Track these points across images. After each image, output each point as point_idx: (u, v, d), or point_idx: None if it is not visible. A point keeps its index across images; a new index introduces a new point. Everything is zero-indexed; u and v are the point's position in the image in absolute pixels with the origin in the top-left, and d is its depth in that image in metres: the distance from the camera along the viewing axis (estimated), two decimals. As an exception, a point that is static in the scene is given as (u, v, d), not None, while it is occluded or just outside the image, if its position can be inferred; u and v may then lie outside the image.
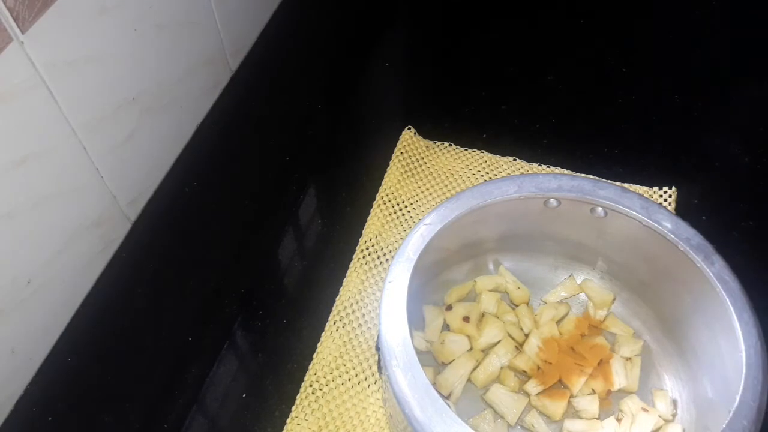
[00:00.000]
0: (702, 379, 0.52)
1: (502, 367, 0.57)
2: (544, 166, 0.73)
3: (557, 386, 0.56)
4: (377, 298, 0.63)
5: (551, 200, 0.55)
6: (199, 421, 0.58)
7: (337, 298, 0.64)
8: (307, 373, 0.59)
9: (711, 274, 0.49)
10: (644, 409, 0.54)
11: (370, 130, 0.80)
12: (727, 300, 0.47)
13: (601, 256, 0.60)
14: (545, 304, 0.61)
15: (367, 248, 0.67)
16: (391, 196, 0.71)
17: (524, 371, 0.56)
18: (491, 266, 0.63)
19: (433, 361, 0.58)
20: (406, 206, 0.71)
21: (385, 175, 0.73)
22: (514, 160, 0.74)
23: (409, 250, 0.51)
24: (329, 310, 0.63)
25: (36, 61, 0.52)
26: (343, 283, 0.65)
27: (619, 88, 0.82)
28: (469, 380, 0.57)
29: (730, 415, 0.43)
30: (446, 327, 0.59)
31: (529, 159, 0.73)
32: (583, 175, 0.69)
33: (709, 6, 0.91)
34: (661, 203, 0.66)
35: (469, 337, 0.58)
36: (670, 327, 0.56)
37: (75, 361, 0.61)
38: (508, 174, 0.73)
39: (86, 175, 0.61)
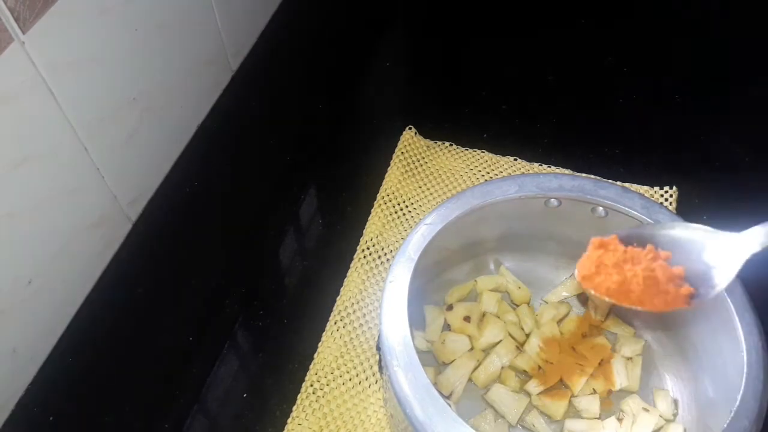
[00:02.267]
0: (703, 379, 0.52)
1: (503, 367, 0.57)
2: (544, 166, 0.73)
3: (558, 386, 0.56)
4: (378, 298, 0.63)
5: (552, 200, 0.55)
6: (200, 421, 0.58)
7: (338, 298, 0.64)
8: (307, 373, 0.59)
9: (712, 274, 0.49)
10: (645, 409, 0.54)
11: (371, 130, 0.80)
12: (729, 300, 0.47)
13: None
14: (546, 303, 0.61)
15: (368, 248, 0.67)
16: (391, 196, 0.71)
17: (525, 371, 0.56)
18: (492, 266, 0.63)
19: (433, 360, 0.58)
20: (406, 206, 0.71)
21: (386, 175, 0.73)
22: (515, 159, 0.74)
23: (409, 250, 0.51)
24: (330, 310, 0.63)
25: (37, 61, 0.52)
26: (344, 283, 0.65)
27: (619, 88, 0.82)
28: (469, 380, 0.57)
29: (732, 415, 0.43)
30: (447, 327, 0.59)
31: (530, 159, 0.73)
32: (583, 174, 0.69)
33: (709, 6, 0.91)
34: (661, 203, 0.66)
35: (469, 336, 0.58)
36: (671, 327, 0.56)
37: (76, 361, 0.61)
38: (509, 174, 0.73)
39: (87, 175, 0.61)
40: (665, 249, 0.37)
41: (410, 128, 0.77)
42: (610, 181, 0.60)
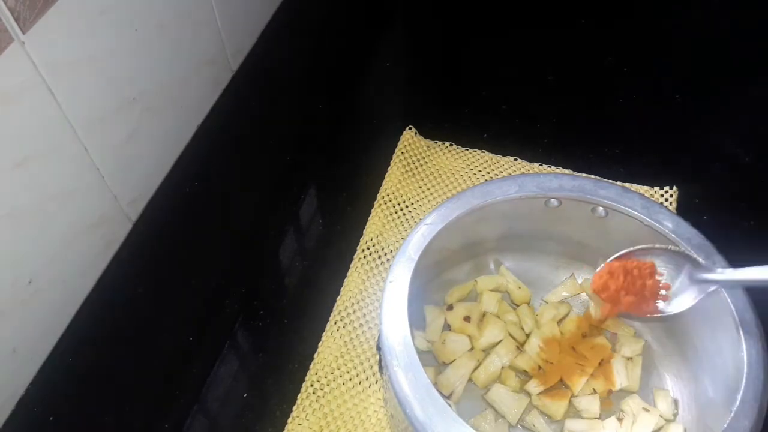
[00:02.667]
0: (703, 379, 0.52)
1: (503, 367, 0.57)
2: (545, 166, 0.73)
3: (558, 386, 0.56)
4: (378, 298, 0.63)
5: (552, 200, 0.55)
6: (200, 421, 0.58)
7: (338, 298, 0.64)
8: (308, 373, 0.59)
9: (712, 274, 0.49)
10: (645, 409, 0.54)
11: (371, 130, 0.80)
12: (729, 299, 0.47)
13: (602, 255, 0.59)
14: (546, 303, 0.61)
15: (368, 248, 0.67)
16: (391, 196, 0.71)
17: (525, 371, 0.56)
18: (492, 266, 0.63)
19: (434, 360, 0.58)
20: (407, 206, 0.71)
21: (386, 175, 0.73)
22: (515, 159, 0.74)
23: (410, 250, 0.51)
24: (330, 310, 0.63)
25: (37, 61, 0.52)
26: (344, 283, 0.65)
27: (619, 88, 0.82)
28: (470, 380, 0.57)
29: (732, 414, 0.43)
30: (447, 327, 0.59)
31: (530, 159, 0.73)
32: (584, 174, 0.69)
33: (709, 6, 0.91)
34: (662, 203, 0.66)
35: (470, 336, 0.58)
36: (671, 326, 0.56)
37: (76, 361, 0.61)
38: (509, 174, 0.73)
39: (87, 175, 0.61)
40: (663, 267, 0.51)
41: (410, 128, 0.77)
42: (610, 181, 0.60)
